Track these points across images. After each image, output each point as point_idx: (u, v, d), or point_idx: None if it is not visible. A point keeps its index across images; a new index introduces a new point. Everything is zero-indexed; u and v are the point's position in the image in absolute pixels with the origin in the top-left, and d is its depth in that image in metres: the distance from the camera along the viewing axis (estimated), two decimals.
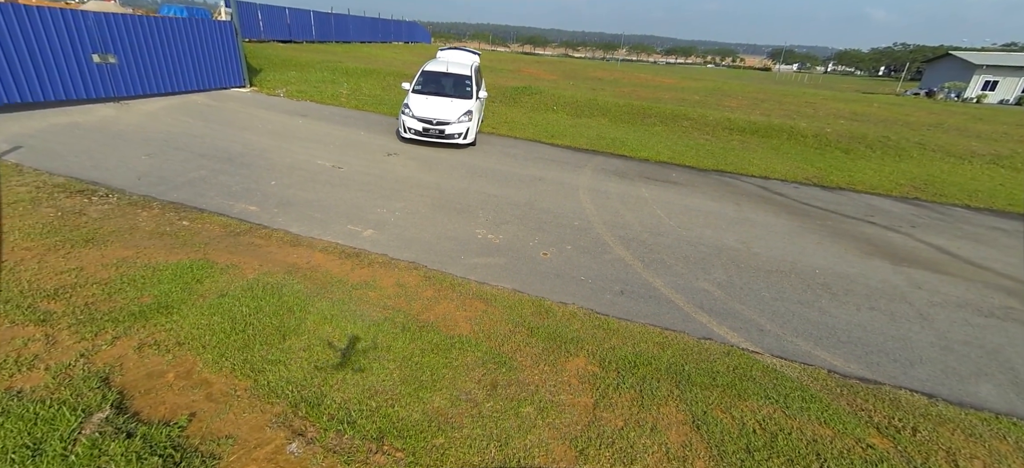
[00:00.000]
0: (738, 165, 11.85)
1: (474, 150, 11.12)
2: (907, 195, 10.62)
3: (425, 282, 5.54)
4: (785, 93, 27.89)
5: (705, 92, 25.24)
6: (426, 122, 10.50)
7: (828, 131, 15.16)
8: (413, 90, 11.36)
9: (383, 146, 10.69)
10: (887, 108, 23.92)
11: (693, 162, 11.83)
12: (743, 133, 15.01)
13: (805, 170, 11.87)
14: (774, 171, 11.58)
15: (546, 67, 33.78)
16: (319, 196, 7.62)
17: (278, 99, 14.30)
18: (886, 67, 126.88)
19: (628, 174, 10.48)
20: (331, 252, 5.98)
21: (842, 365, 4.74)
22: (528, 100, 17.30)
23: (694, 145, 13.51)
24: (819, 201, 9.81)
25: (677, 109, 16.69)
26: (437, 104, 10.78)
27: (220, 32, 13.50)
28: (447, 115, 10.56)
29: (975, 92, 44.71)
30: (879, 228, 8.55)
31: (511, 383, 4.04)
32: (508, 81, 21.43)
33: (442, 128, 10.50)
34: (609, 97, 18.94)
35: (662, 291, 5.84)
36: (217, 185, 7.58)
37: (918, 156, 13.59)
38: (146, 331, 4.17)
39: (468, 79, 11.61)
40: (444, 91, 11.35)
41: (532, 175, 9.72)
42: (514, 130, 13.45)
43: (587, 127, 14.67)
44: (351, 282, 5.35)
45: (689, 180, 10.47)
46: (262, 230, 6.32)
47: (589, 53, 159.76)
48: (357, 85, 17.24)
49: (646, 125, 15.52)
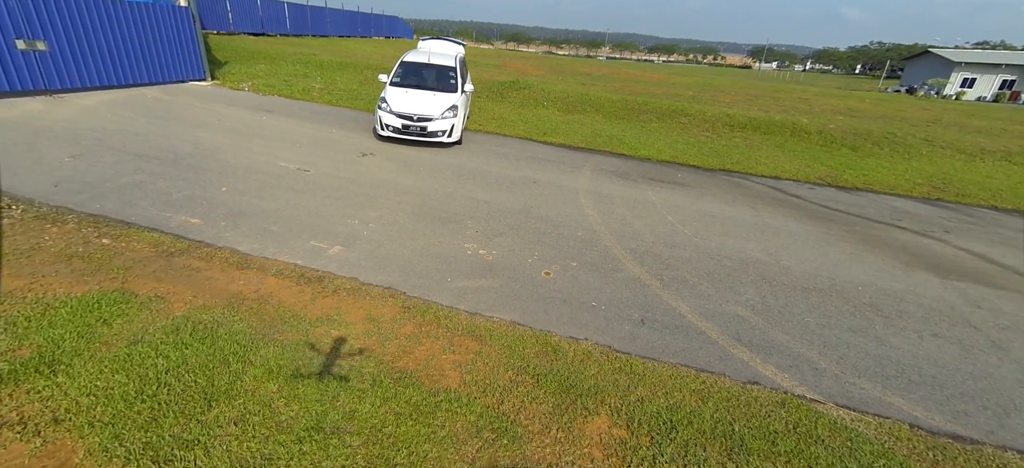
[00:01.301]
0: (745, 164, 10.99)
1: (459, 149, 10.02)
2: (928, 196, 9.88)
3: (403, 314, 4.46)
4: (777, 89, 27.39)
5: (697, 88, 24.53)
6: (405, 118, 9.37)
7: (831, 127, 14.47)
8: (391, 83, 10.22)
9: (357, 145, 9.52)
10: (880, 104, 23.53)
11: (697, 161, 10.93)
12: (745, 129, 14.21)
13: (816, 169, 11.08)
14: (784, 170, 10.76)
15: (532, 62, 32.76)
16: (278, 205, 6.45)
17: (242, 94, 12.96)
18: (862, 65, 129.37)
19: (630, 175, 9.52)
20: (287, 276, 4.85)
21: (925, 417, 3.82)
22: (516, 95, 16.25)
23: (695, 143, 12.63)
24: (839, 203, 8.99)
25: (673, 105, 15.83)
26: (418, 98, 9.66)
27: (175, 19, 12.10)
28: (429, 110, 9.44)
29: (954, 89, 45.16)
30: (912, 234, 7.74)
31: (515, 462, 3.01)
32: (494, 75, 20.35)
33: (424, 125, 9.38)
34: (601, 92, 18.01)
35: (689, 318, 4.87)
36: (154, 192, 6.35)
37: (928, 153, 12.95)
38: (12, 402, 3.02)
39: (453, 71, 10.51)
40: (426, 84, 10.23)
41: (526, 177, 8.68)
42: (503, 127, 12.39)
43: (581, 124, 13.69)
44: (309, 317, 4.25)
45: (696, 181, 9.55)
46: (203, 249, 5.15)
47: (573, 50, 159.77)
48: (332, 79, 15.95)
49: (642, 121, 14.62)
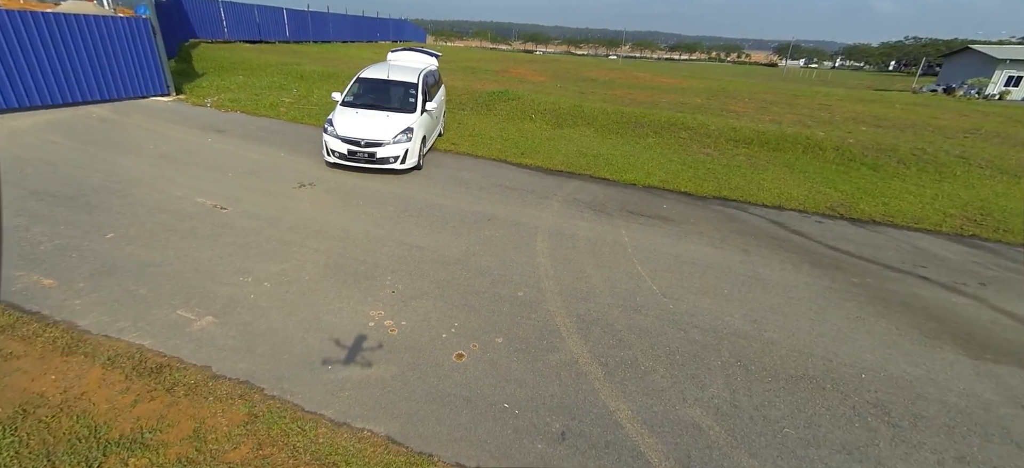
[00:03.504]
0: (745, 190, 9.67)
1: (417, 177, 9.01)
2: (962, 231, 8.39)
3: (244, 428, 3.46)
4: (796, 93, 25.57)
5: (708, 93, 22.99)
6: (352, 143, 8.40)
7: (851, 142, 12.93)
8: (343, 102, 9.28)
9: (300, 173, 8.60)
10: (911, 110, 21.56)
11: (690, 187, 9.66)
12: (750, 145, 12.81)
13: (828, 195, 9.67)
14: (790, 198, 9.39)
15: (538, 66, 31.60)
16: (166, 256, 5.54)
17: (202, 110, 12.24)
18: (896, 62, 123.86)
19: (607, 206, 8.34)
20: (120, 365, 3.90)
21: None
22: (503, 107, 15.17)
23: (692, 162, 11.33)
24: (851, 242, 7.63)
25: (674, 117, 14.49)
26: (367, 120, 8.68)
27: (130, 32, 11.45)
28: (379, 134, 8.45)
29: (998, 89, 42.02)
30: (938, 288, 6.36)
31: None
32: (488, 84, 19.31)
33: (372, 150, 8.39)
34: (597, 102, 16.77)
35: (627, 429, 3.73)
36: (20, 242, 5.52)
37: (963, 174, 11.34)
38: None
39: (413, 88, 9.50)
40: (380, 103, 9.26)
41: (481, 213, 7.61)
42: (478, 146, 11.33)
43: (567, 140, 12.53)
44: (113, 435, 3.29)
45: (683, 214, 8.31)
46: (32, 325, 4.25)
47: (591, 50, 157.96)
48: (308, 91, 15.17)
49: (637, 136, 13.35)
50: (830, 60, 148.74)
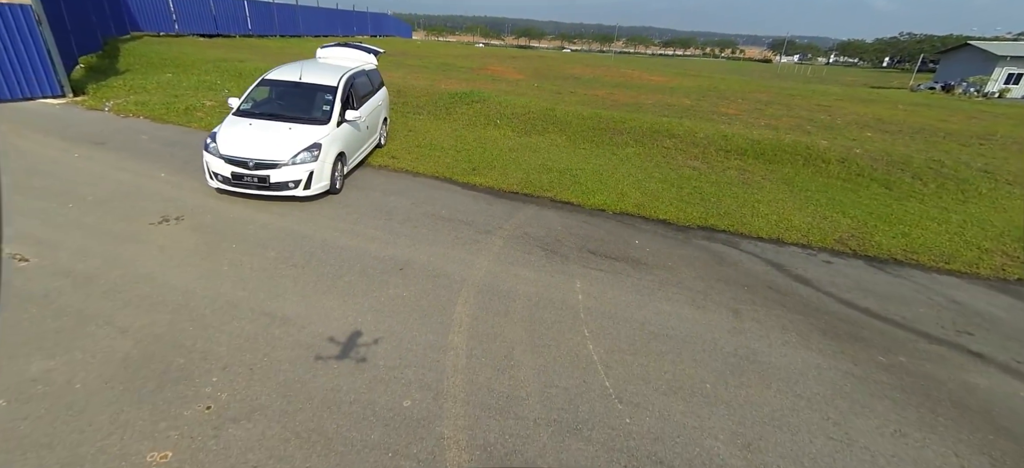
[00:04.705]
0: (737, 216, 7.97)
1: (327, 206, 7.22)
2: (1005, 274, 6.73)
3: None
4: (792, 93, 23.97)
5: (698, 93, 21.30)
6: (237, 164, 6.58)
7: (857, 152, 11.28)
8: (237, 111, 7.47)
9: (171, 202, 6.77)
10: (915, 112, 19.99)
11: (671, 212, 7.94)
12: (744, 156, 11.12)
13: (836, 223, 7.99)
14: (791, 227, 7.70)
15: (519, 63, 29.77)
16: None
17: (96, 116, 10.34)
18: (890, 58, 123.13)
19: (563, 244, 6.60)
20: None
21: None
22: (465, 111, 13.37)
23: (676, 178, 9.62)
24: (870, 295, 5.95)
25: (658, 122, 12.76)
26: (261, 134, 6.87)
27: (3, 22, 9.54)
28: (273, 152, 6.65)
29: (998, 86, 40.75)
30: (995, 371, 4.69)
31: None
32: (456, 83, 17.49)
33: (264, 174, 6.58)
34: (574, 105, 15.02)
35: None
36: None
37: (989, 192, 9.71)
38: None
39: (330, 93, 7.70)
40: (284, 112, 7.47)
41: (393, 259, 5.84)
42: (423, 160, 9.55)
43: (532, 151, 10.78)
44: None
45: (660, 253, 6.59)
46: None
47: (585, 45, 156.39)
48: (242, 92, 13.26)
49: (615, 146, 11.62)
50: (824, 56, 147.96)
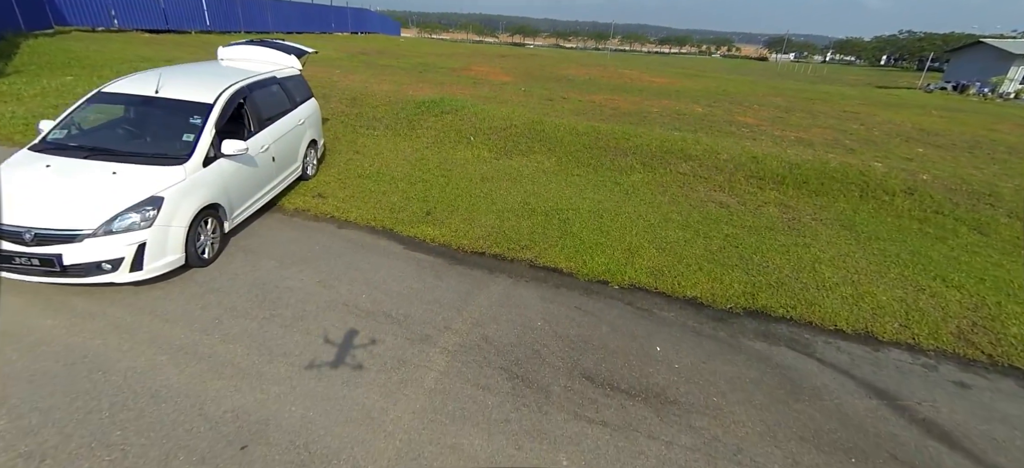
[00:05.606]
0: (796, 289, 5.54)
1: (182, 287, 4.73)
2: None
3: None
4: (809, 96, 21.62)
5: (708, 98, 18.88)
6: (8, 235, 4.05)
7: (924, 179, 8.90)
8: (37, 143, 4.97)
9: None
10: (954, 119, 17.70)
11: (703, 286, 5.50)
12: (782, 185, 8.71)
13: (941, 299, 5.58)
14: (878, 308, 5.29)
15: (507, 62, 27.23)
16: None
17: None
18: (888, 56, 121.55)
19: (542, 363, 4.14)
20: None
21: None
22: (433, 125, 10.88)
23: (700, 221, 7.20)
24: None
25: (669, 139, 10.31)
26: (56, 185, 4.36)
27: None
28: (70, 214, 4.12)
29: (1015, 86, 38.68)
30: None
31: None
32: (428, 89, 14.97)
33: (53, 251, 4.03)
34: (566, 115, 12.56)
35: None
36: None
37: None
38: None
39: (198, 115, 5.21)
40: (114, 147, 4.98)
41: (241, 415, 3.35)
42: (358, 200, 7.07)
43: (511, 180, 8.32)
44: None
45: (696, 377, 4.15)
46: None
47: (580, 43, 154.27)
48: None
49: (617, 171, 9.18)
50: (820, 54, 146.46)
